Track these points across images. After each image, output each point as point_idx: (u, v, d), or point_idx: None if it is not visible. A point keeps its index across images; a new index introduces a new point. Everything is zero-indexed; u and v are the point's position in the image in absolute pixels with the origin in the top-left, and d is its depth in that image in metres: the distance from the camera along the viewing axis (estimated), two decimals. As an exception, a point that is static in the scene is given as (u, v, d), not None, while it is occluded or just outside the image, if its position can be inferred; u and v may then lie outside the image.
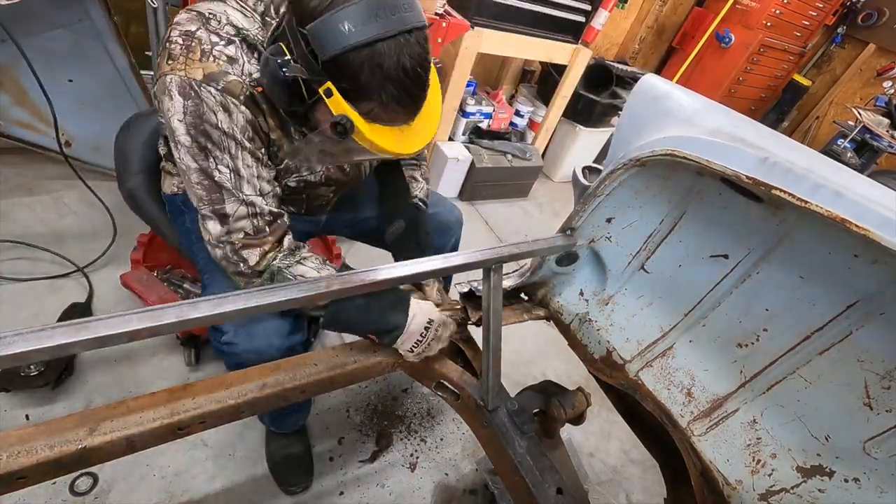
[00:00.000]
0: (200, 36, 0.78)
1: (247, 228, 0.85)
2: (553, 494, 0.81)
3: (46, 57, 1.66)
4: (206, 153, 0.80)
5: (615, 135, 0.84)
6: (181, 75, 0.76)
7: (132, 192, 1.15)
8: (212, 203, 0.83)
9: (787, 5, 3.60)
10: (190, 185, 0.83)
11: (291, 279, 0.87)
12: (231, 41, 0.81)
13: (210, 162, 0.81)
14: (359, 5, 0.67)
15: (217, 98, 0.78)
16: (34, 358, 0.46)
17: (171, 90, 0.77)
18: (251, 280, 0.88)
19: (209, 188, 0.82)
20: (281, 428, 1.28)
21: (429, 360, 0.97)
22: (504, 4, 2.27)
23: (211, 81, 0.77)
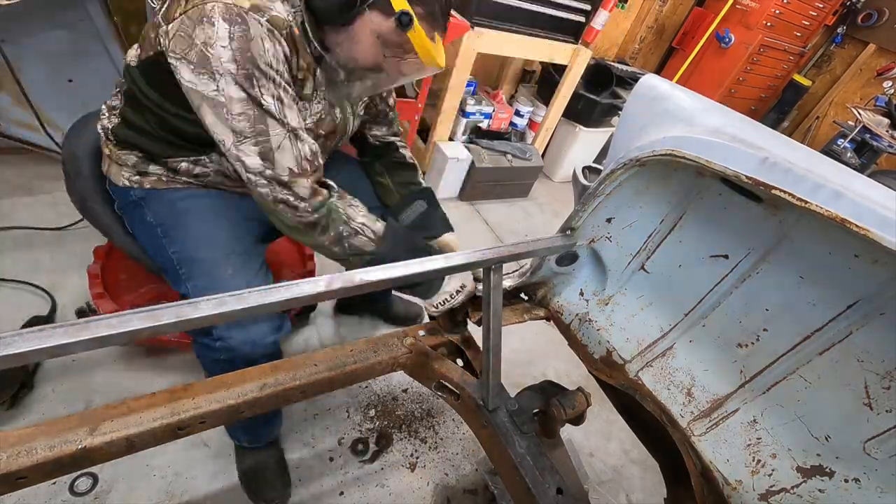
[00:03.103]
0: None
1: (291, 164, 0.85)
2: (553, 494, 0.81)
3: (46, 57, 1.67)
4: (253, 80, 0.79)
5: (615, 135, 0.84)
6: (227, 2, 0.76)
7: (82, 197, 1.07)
8: (256, 135, 0.81)
9: (787, 5, 3.60)
10: (226, 117, 0.80)
11: (345, 220, 0.91)
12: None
13: (257, 89, 0.80)
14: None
15: (265, 27, 0.79)
16: (34, 358, 0.46)
17: (212, 16, 0.76)
18: (305, 214, 0.87)
19: (255, 118, 0.81)
20: (255, 441, 1.22)
21: (429, 360, 0.97)
22: (504, 4, 2.27)
23: (258, 11, 0.79)
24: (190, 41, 0.78)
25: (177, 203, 1.00)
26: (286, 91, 0.85)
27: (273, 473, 1.24)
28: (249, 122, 0.81)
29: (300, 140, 0.87)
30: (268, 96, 0.82)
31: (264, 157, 0.83)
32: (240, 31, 0.77)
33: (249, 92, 0.79)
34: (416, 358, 0.97)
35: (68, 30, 1.66)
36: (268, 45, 0.80)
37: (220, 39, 0.76)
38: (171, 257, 0.98)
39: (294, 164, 0.85)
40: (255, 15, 0.78)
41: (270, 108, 0.82)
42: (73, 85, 1.75)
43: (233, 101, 0.79)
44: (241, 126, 0.81)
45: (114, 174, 1.02)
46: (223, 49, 0.76)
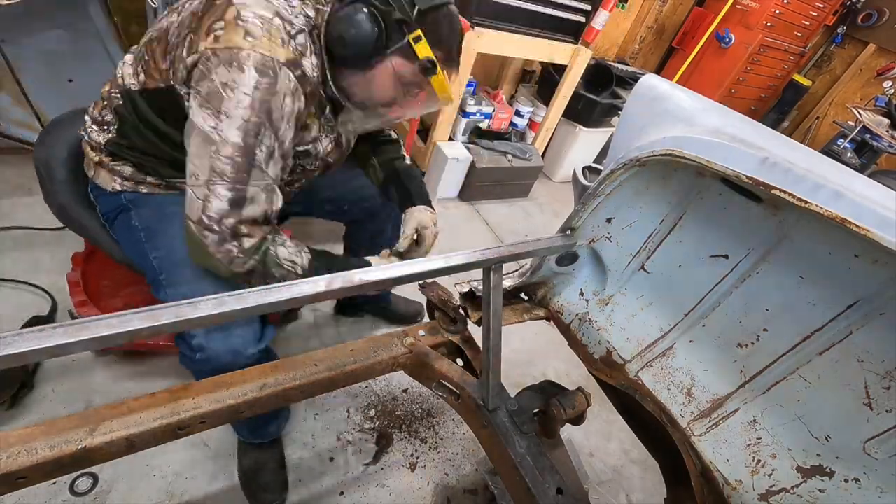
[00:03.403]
0: (278, 24, 0.82)
1: (257, 215, 0.85)
2: (553, 494, 0.81)
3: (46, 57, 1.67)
4: (259, 132, 0.80)
5: (615, 135, 0.84)
6: (264, 53, 0.78)
7: (64, 206, 1.05)
8: (234, 182, 0.80)
9: (787, 5, 3.60)
10: (212, 155, 0.79)
11: (279, 262, 0.89)
12: (302, 30, 0.86)
13: (258, 140, 0.81)
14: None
15: (293, 84, 0.83)
16: (34, 358, 0.46)
17: (245, 64, 0.77)
18: (238, 261, 0.85)
19: (240, 166, 0.80)
20: (260, 437, 1.23)
21: (429, 360, 0.97)
22: (504, 4, 2.27)
23: (290, 66, 0.82)
24: (208, 75, 0.78)
25: (165, 207, 1.00)
26: (281, 146, 0.86)
27: (271, 474, 1.24)
28: (233, 169, 0.80)
29: (274, 195, 0.87)
30: (263, 148, 0.82)
31: (234, 204, 0.81)
32: (267, 84, 0.78)
33: (248, 141, 0.79)
34: (416, 358, 0.97)
35: (68, 30, 1.66)
36: (287, 101, 0.83)
37: (243, 86, 0.77)
38: (152, 262, 0.96)
39: (260, 216, 0.85)
40: (288, 70, 0.81)
41: (260, 160, 0.82)
42: (73, 85, 1.75)
43: (227, 143, 0.78)
44: (222, 168, 0.79)
45: (102, 179, 1.01)
46: (244, 96, 0.78)
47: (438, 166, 2.59)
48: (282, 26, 0.82)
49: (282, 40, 0.81)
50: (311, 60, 0.88)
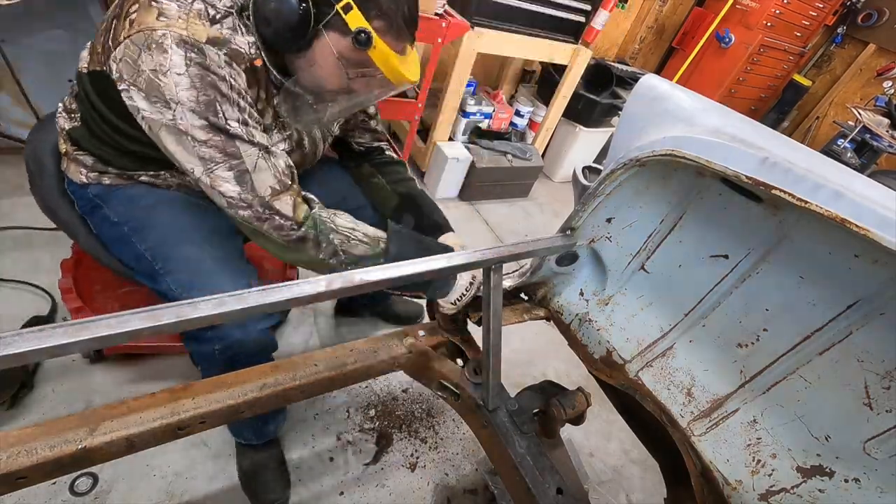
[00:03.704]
0: (198, 8, 0.76)
1: (270, 182, 0.81)
2: (553, 494, 0.81)
3: (46, 57, 1.67)
4: (215, 106, 0.75)
5: (615, 135, 0.84)
6: (181, 33, 0.72)
7: (45, 197, 1.04)
8: (228, 159, 0.77)
9: (787, 5, 3.60)
10: (192, 146, 0.76)
11: (334, 229, 0.86)
12: (229, 13, 0.80)
13: (220, 115, 0.76)
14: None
15: (223, 59, 0.76)
16: (34, 358, 0.46)
17: (164, 44, 0.71)
18: (292, 232, 0.83)
19: (222, 143, 0.77)
20: (260, 438, 1.22)
21: (429, 360, 0.97)
22: (504, 4, 2.27)
23: (215, 44, 0.76)
24: (136, 66, 0.73)
25: (139, 200, 0.97)
26: (251, 115, 0.82)
27: (273, 474, 1.24)
28: (217, 149, 0.77)
29: (273, 156, 0.84)
30: (232, 121, 0.78)
31: (240, 180, 0.79)
32: (197, 58, 0.74)
33: (210, 119, 0.76)
34: (416, 358, 0.97)
35: (68, 30, 1.66)
36: (226, 71, 0.77)
37: (174, 66, 0.72)
38: (144, 255, 0.93)
39: (274, 182, 0.82)
40: (210, 48, 0.75)
41: (238, 131, 0.78)
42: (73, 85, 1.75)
43: (194, 128, 0.75)
44: (208, 153, 0.77)
45: (72, 171, 0.99)
46: (179, 76, 0.73)
47: (438, 166, 2.59)
48: (203, 10, 0.76)
49: (202, 23, 0.76)
50: (245, 39, 0.81)
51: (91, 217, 1.01)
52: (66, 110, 0.98)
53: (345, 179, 1.30)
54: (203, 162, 0.77)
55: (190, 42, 0.73)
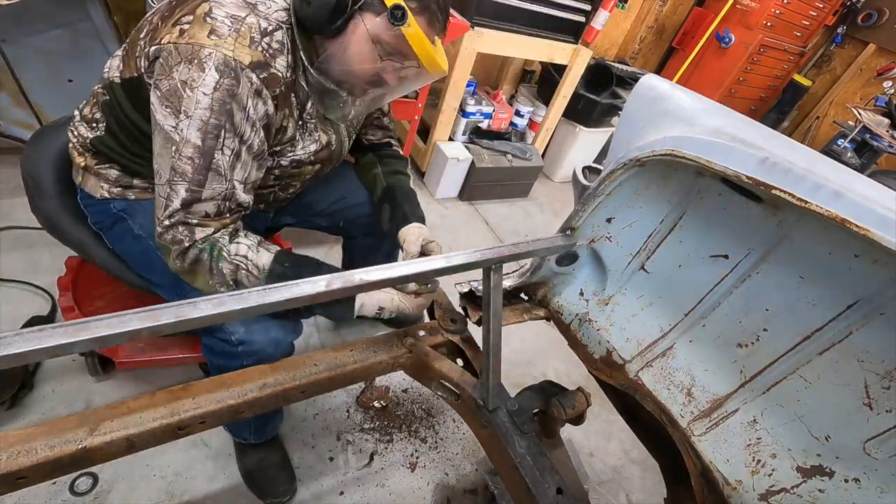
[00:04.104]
0: (251, 23, 0.79)
1: (210, 210, 0.83)
2: (553, 494, 0.81)
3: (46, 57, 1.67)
4: (219, 134, 0.78)
5: (615, 135, 0.84)
6: (227, 54, 0.75)
7: (50, 216, 1.01)
8: (191, 182, 0.79)
9: (787, 5, 3.60)
10: (172, 155, 0.78)
11: (225, 257, 0.85)
12: (280, 27, 0.83)
13: (218, 143, 0.79)
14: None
15: (255, 86, 0.79)
16: (34, 358, 0.46)
17: (206, 63, 0.75)
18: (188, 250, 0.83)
19: (199, 168, 0.79)
20: (261, 437, 1.22)
21: (429, 360, 0.97)
22: (504, 4, 2.27)
23: (256, 69, 0.79)
24: (169, 72, 0.76)
25: None
26: (249, 149, 0.84)
27: (278, 469, 1.25)
28: (193, 170, 0.79)
29: (234, 195, 0.85)
30: (227, 150, 0.80)
31: (186, 204, 0.80)
32: (228, 84, 0.76)
33: (207, 144, 0.78)
34: (416, 358, 0.97)
35: (68, 30, 1.66)
36: (251, 103, 0.80)
37: (204, 86, 0.75)
38: (168, 270, 0.93)
39: (213, 212, 0.83)
40: (250, 73, 0.78)
41: (220, 163, 0.80)
42: (73, 85, 1.75)
43: (188, 143, 0.77)
44: (183, 168, 0.79)
45: (91, 186, 0.98)
46: (203, 96, 0.75)
47: (438, 166, 2.59)
48: (255, 25, 0.79)
49: (251, 40, 0.79)
50: (285, 59, 0.84)
51: (109, 231, 1.00)
52: (84, 120, 0.97)
53: (349, 176, 1.31)
54: (172, 172, 0.79)
55: (231, 66, 0.76)
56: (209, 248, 0.84)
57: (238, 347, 0.92)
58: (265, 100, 0.82)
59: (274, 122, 0.88)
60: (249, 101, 0.79)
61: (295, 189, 1.13)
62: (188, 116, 0.76)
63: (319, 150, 1.04)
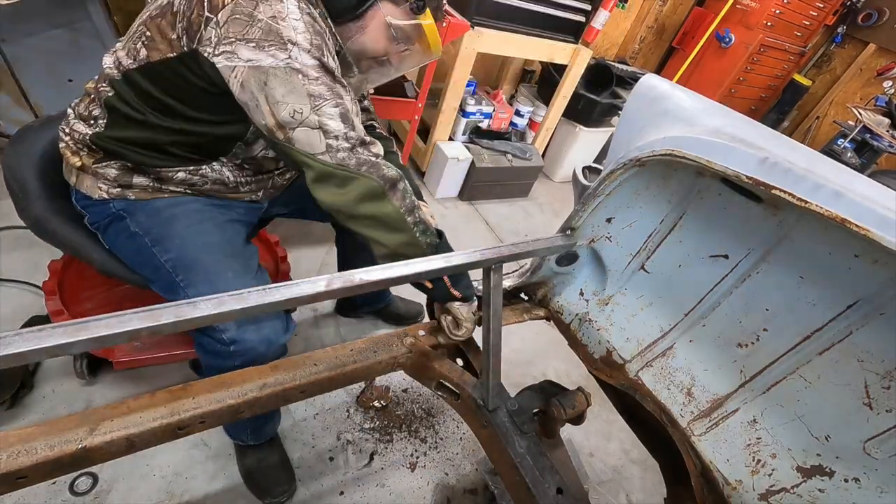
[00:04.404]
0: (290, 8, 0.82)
1: (361, 131, 0.87)
2: (553, 494, 0.81)
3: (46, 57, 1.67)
4: (324, 49, 0.83)
5: (615, 135, 0.84)
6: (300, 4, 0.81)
7: (39, 219, 0.99)
8: (335, 97, 0.83)
9: (787, 5, 3.60)
10: (303, 84, 0.80)
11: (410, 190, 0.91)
12: (321, 12, 0.88)
13: (328, 58, 0.83)
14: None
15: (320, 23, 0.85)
16: (34, 358, 0.46)
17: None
18: (387, 173, 0.86)
19: (330, 82, 0.83)
20: (260, 438, 1.22)
21: (429, 360, 0.97)
22: (504, 4, 2.27)
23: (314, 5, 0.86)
24: (250, 18, 0.78)
25: (162, 211, 0.98)
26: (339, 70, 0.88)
27: (277, 469, 1.25)
28: (327, 86, 0.82)
29: (356, 104, 0.90)
30: (333, 64, 0.85)
31: (345, 119, 0.83)
32: (306, 9, 0.82)
33: (322, 59, 0.82)
34: (416, 358, 0.97)
35: (68, 30, 1.66)
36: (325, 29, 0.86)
37: (291, 13, 0.79)
38: (164, 266, 0.94)
39: (363, 130, 0.88)
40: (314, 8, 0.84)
41: (339, 75, 0.85)
42: (73, 85, 1.75)
43: (308, 67, 0.80)
44: (319, 89, 0.81)
45: (87, 187, 0.97)
46: (296, 21, 0.79)
47: (438, 166, 2.59)
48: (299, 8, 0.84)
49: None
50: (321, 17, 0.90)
51: (106, 231, 1.00)
52: (80, 117, 0.96)
53: None
54: (312, 98, 0.81)
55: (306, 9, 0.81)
56: (401, 176, 0.88)
57: (230, 347, 0.92)
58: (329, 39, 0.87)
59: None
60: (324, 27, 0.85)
61: (292, 174, 1.16)
62: (295, 44, 0.79)
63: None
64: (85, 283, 1.31)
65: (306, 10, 0.82)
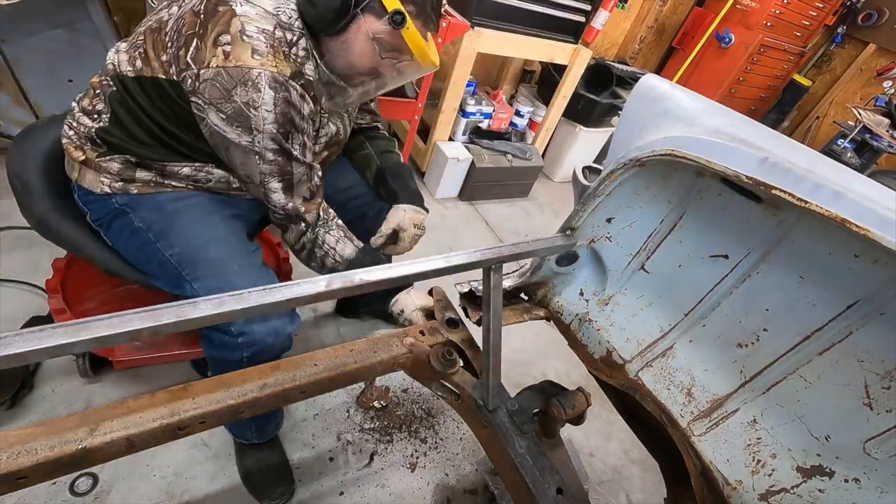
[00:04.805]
0: (279, 37, 0.87)
1: (305, 194, 1.00)
2: (553, 494, 0.81)
3: (46, 57, 1.67)
4: (289, 136, 0.91)
5: (615, 135, 0.84)
6: (273, 71, 0.85)
7: (43, 217, 0.99)
8: (282, 174, 0.94)
9: (787, 5, 3.60)
10: (258, 163, 0.91)
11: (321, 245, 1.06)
12: (302, 35, 0.91)
13: (289, 142, 0.92)
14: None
15: (300, 92, 0.90)
16: (34, 358, 0.46)
17: (259, 83, 0.84)
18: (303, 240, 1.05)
19: (283, 164, 0.93)
20: (261, 437, 1.22)
21: (429, 360, 0.97)
22: (504, 4, 2.27)
23: (295, 78, 0.89)
24: (227, 95, 0.84)
25: (166, 205, 0.98)
26: (308, 136, 0.97)
27: (276, 470, 1.25)
28: (278, 167, 0.93)
29: (312, 171, 1.00)
30: (296, 145, 0.93)
31: (286, 190, 0.97)
32: (283, 98, 0.87)
33: (283, 146, 0.91)
34: (416, 358, 0.97)
35: (68, 30, 1.66)
36: (303, 107, 0.92)
37: (265, 105, 0.85)
38: (169, 260, 0.95)
39: (307, 193, 1.00)
40: (293, 83, 0.88)
41: (297, 154, 0.94)
42: (73, 85, 1.75)
43: (267, 151, 0.90)
44: (270, 169, 0.93)
45: (90, 181, 0.98)
46: (268, 113, 0.86)
47: (438, 166, 2.59)
48: (283, 38, 0.88)
49: (284, 54, 0.87)
50: (312, 63, 0.94)
51: (109, 227, 1.01)
52: (84, 111, 0.97)
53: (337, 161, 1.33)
54: (262, 175, 0.94)
55: (280, 81, 0.86)
56: (311, 240, 1.05)
57: (238, 339, 0.93)
58: (308, 101, 0.94)
59: (317, 117, 1.02)
60: (301, 104, 0.91)
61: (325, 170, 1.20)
62: (260, 131, 0.87)
63: (332, 137, 1.12)
64: (88, 283, 1.31)
65: (283, 96, 0.86)
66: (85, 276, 1.30)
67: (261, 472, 1.23)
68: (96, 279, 1.32)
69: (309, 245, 1.05)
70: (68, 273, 1.28)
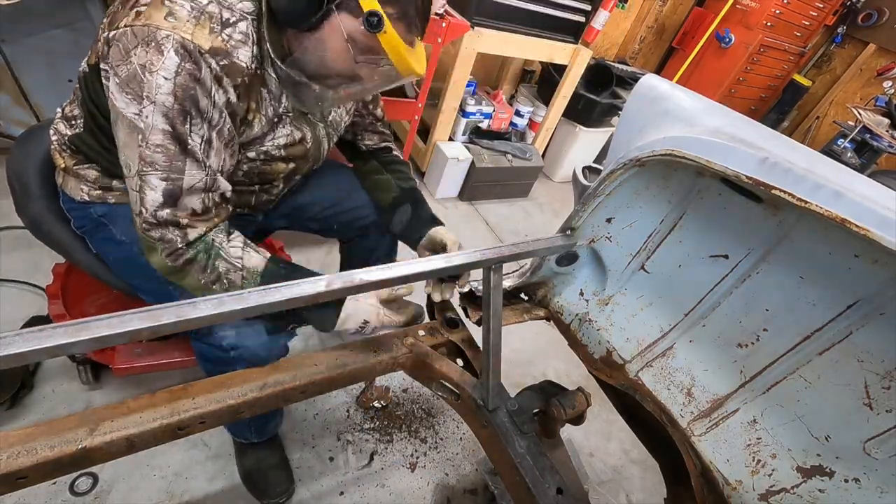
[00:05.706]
0: (212, 11, 0.75)
1: (196, 206, 0.79)
2: (553, 494, 0.81)
3: (46, 57, 1.67)
4: (187, 118, 0.74)
5: (615, 135, 0.84)
6: (185, 37, 0.71)
7: (36, 218, 0.98)
8: (168, 171, 0.75)
9: (787, 5, 3.60)
10: (140, 143, 0.74)
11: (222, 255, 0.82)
12: (244, 17, 0.79)
13: (187, 128, 0.75)
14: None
15: (216, 72, 0.76)
16: (34, 358, 0.46)
17: (164, 45, 0.70)
18: (180, 250, 0.80)
19: (173, 155, 0.75)
20: (261, 436, 1.21)
21: (429, 360, 0.97)
22: (504, 4, 2.27)
23: (215, 55, 0.75)
24: (126, 56, 0.72)
25: None
26: (220, 136, 0.81)
27: (276, 469, 1.24)
28: (166, 157, 0.75)
29: (216, 183, 0.82)
30: (196, 136, 0.77)
31: (168, 195, 0.76)
32: (190, 68, 0.73)
33: (176, 128, 0.74)
34: (416, 358, 0.97)
35: (68, 30, 1.66)
36: (214, 89, 0.77)
37: (164, 70, 0.71)
38: (157, 275, 0.86)
39: (199, 207, 0.80)
40: (210, 58, 0.74)
41: (195, 148, 0.77)
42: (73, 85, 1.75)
43: (153, 129, 0.73)
44: (153, 157, 0.74)
45: (71, 189, 0.94)
46: (165, 81, 0.71)
47: (438, 166, 2.59)
48: (217, 14, 0.76)
49: (210, 29, 0.74)
50: (249, 50, 0.81)
51: (92, 237, 0.97)
52: (64, 117, 0.94)
53: (344, 180, 1.29)
54: (142, 162, 0.75)
55: (190, 49, 0.72)
56: (204, 248, 0.81)
57: (230, 353, 0.90)
58: (226, 88, 0.79)
59: (239, 112, 0.85)
60: (213, 86, 0.76)
61: (279, 189, 1.09)
62: (151, 102, 0.72)
63: (290, 145, 0.98)
64: (87, 288, 1.31)
65: (189, 69, 0.72)
66: (85, 282, 1.30)
67: (261, 471, 1.23)
68: (96, 284, 1.31)
69: (202, 258, 0.81)
70: (68, 278, 1.28)
